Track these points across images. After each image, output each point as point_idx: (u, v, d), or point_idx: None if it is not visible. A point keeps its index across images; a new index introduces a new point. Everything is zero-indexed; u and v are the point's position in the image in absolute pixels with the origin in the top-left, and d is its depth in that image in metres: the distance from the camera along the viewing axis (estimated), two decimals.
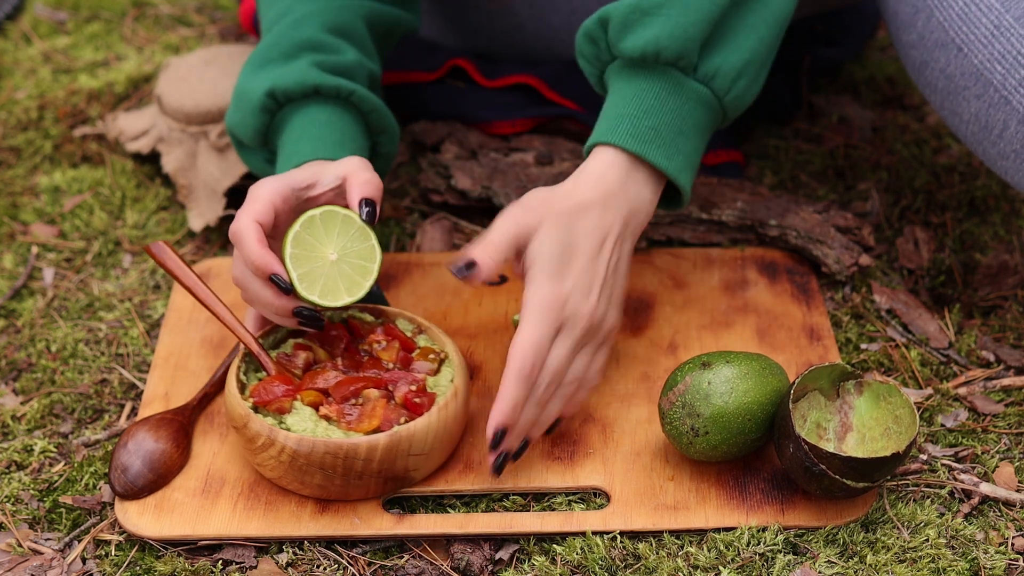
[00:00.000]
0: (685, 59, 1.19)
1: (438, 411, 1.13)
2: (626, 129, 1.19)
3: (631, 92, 1.21)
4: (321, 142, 1.24)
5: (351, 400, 1.15)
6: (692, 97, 1.21)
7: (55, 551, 1.15)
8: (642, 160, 1.19)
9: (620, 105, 1.21)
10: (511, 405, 1.11)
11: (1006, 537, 1.14)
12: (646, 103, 1.20)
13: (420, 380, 1.16)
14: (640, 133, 1.19)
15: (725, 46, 1.21)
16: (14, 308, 1.41)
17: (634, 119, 1.20)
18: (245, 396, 1.15)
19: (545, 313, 1.12)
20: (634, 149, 1.19)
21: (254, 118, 1.27)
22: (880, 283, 1.40)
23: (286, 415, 1.14)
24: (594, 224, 1.16)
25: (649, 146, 1.19)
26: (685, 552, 1.12)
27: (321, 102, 1.26)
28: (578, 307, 1.14)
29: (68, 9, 1.92)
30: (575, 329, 1.14)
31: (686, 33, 1.18)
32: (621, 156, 1.19)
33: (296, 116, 1.26)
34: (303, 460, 1.11)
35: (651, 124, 1.19)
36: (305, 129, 1.25)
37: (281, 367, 1.18)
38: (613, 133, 1.19)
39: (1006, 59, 1.21)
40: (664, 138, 1.20)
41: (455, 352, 1.20)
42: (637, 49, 1.19)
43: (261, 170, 1.33)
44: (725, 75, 1.21)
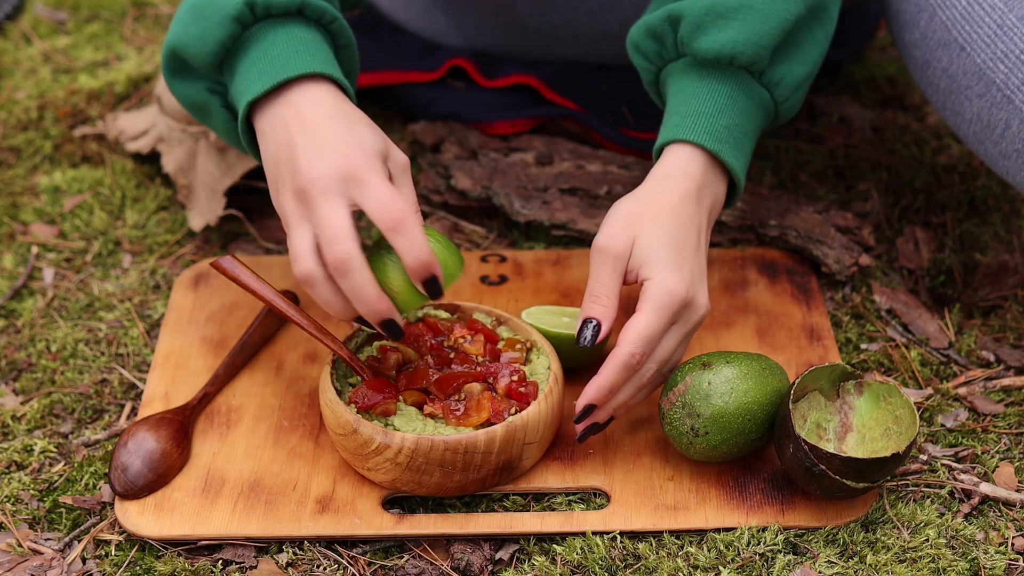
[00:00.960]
0: (757, 64, 1.20)
1: (545, 397, 1.15)
2: (704, 127, 1.20)
3: (704, 92, 1.21)
4: (312, 58, 1.14)
5: (454, 396, 1.15)
6: (756, 100, 1.22)
7: (55, 551, 1.15)
8: (716, 158, 1.20)
9: (694, 103, 1.21)
10: (608, 388, 1.13)
11: (1006, 537, 1.14)
12: (719, 103, 1.21)
13: (520, 370, 1.18)
14: (716, 132, 1.20)
15: (793, 56, 1.23)
16: (14, 308, 1.41)
17: (710, 118, 1.20)
18: (346, 403, 1.15)
19: (669, 303, 1.13)
20: (712, 147, 1.19)
21: (221, 29, 1.14)
22: (880, 283, 1.40)
23: (392, 417, 1.14)
24: (690, 216, 1.18)
25: (724, 145, 1.20)
26: (685, 552, 1.12)
27: (303, 22, 1.16)
28: (697, 298, 1.16)
29: (68, 9, 1.92)
30: (691, 320, 1.16)
31: (761, 40, 1.19)
32: (699, 153, 1.20)
33: (273, 32, 1.15)
34: (422, 459, 1.11)
35: (725, 124, 1.20)
36: (291, 45, 1.15)
37: (374, 370, 1.18)
38: (692, 131, 1.20)
39: (1009, 58, 1.21)
40: (735, 138, 1.21)
41: (541, 339, 1.21)
42: (713, 51, 1.19)
43: (198, 101, 1.22)
44: (788, 85, 1.23)
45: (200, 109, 1.23)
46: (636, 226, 1.16)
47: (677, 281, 1.14)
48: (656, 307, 1.13)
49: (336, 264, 1.06)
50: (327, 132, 1.10)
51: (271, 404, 1.25)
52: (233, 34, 1.15)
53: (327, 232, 1.07)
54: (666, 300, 1.13)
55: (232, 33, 1.15)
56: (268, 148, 1.13)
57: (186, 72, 1.21)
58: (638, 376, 1.14)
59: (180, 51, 1.18)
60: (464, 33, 1.61)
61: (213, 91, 1.21)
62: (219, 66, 1.17)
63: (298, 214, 1.09)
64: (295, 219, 1.09)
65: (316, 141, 1.10)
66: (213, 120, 1.23)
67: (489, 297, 1.37)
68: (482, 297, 1.37)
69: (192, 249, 1.48)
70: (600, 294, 1.15)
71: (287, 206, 1.10)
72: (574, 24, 1.55)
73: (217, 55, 1.16)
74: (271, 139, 1.13)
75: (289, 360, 1.30)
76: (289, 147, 1.11)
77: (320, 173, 1.08)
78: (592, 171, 1.48)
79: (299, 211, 1.09)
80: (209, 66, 1.17)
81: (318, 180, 1.08)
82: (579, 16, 1.53)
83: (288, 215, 1.10)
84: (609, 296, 1.15)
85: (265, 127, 1.13)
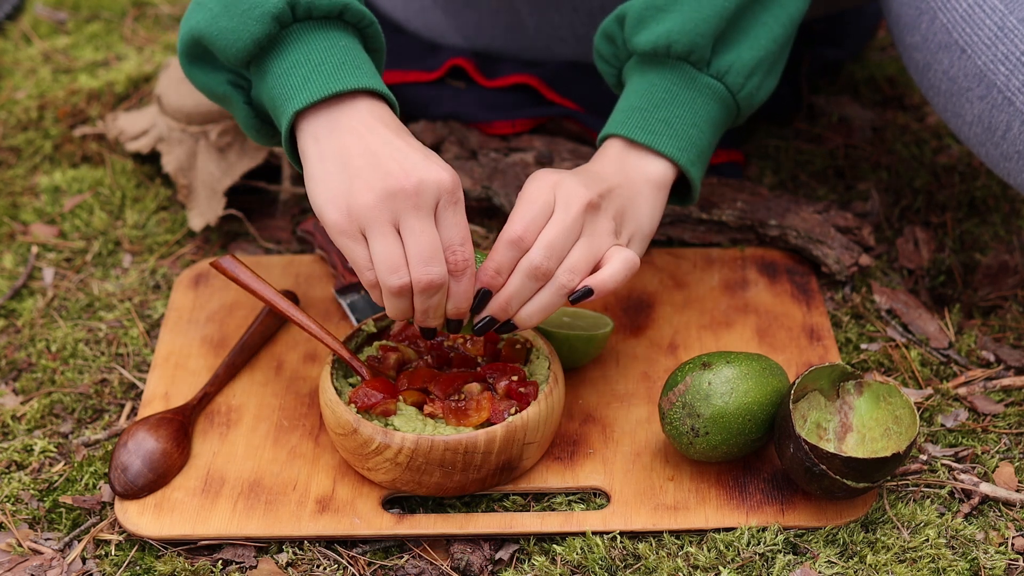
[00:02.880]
0: (696, 53, 1.20)
1: (545, 398, 1.15)
2: (636, 122, 1.20)
3: (643, 86, 1.22)
4: (360, 72, 1.12)
5: (454, 396, 1.15)
6: (705, 92, 1.22)
7: (55, 551, 1.15)
8: (652, 151, 1.20)
9: (632, 99, 1.22)
10: (495, 268, 1.11)
11: (1006, 537, 1.14)
12: (657, 96, 1.21)
13: (520, 370, 1.18)
14: (650, 125, 1.20)
15: (739, 42, 1.22)
16: (14, 308, 1.41)
17: (645, 112, 1.21)
18: (346, 402, 1.15)
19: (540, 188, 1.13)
20: (644, 140, 1.19)
21: (259, 26, 1.10)
22: (880, 283, 1.40)
23: (392, 417, 1.14)
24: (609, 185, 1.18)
25: (660, 137, 1.20)
26: (685, 552, 1.12)
27: (342, 27, 1.14)
28: (572, 190, 1.14)
29: (68, 9, 1.92)
30: (570, 210, 1.13)
31: (697, 28, 1.19)
32: (630, 148, 1.20)
33: (313, 36, 1.12)
34: (422, 459, 1.11)
35: (662, 117, 1.20)
36: (335, 53, 1.12)
37: (374, 370, 1.18)
38: (623, 125, 1.20)
39: (1009, 60, 1.21)
40: (676, 130, 1.20)
41: (541, 339, 1.21)
42: (649, 43, 1.20)
43: (219, 92, 1.18)
44: (738, 71, 1.22)
45: (221, 100, 1.20)
46: None
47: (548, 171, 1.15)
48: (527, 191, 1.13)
49: (427, 287, 1.07)
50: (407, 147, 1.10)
51: (271, 404, 1.25)
52: (270, 32, 1.11)
53: (421, 251, 1.07)
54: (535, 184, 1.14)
55: (269, 32, 1.11)
56: (326, 150, 1.10)
57: (207, 62, 1.17)
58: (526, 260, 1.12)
59: (206, 41, 1.14)
60: (463, 32, 1.61)
61: (236, 85, 1.17)
62: (248, 63, 1.14)
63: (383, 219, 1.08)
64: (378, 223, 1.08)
65: (404, 154, 1.09)
66: (235, 112, 1.20)
67: None
68: None
69: (192, 249, 1.48)
70: None
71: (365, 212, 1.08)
72: (574, 24, 1.54)
73: (250, 52, 1.12)
74: (332, 142, 1.10)
75: (289, 360, 1.30)
76: (371, 154, 1.09)
77: (423, 183, 1.07)
78: None
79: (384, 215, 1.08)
80: (238, 62, 1.13)
81: (419, 192, 1.07)
82: (579, 16, 1.53)
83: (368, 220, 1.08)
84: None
85: (319, 132, 1.11)
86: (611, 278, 1.14)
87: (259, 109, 1.18)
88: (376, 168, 1.08)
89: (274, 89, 1.12)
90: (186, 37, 1.16)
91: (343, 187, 1.08)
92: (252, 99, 1.18)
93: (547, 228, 1.12)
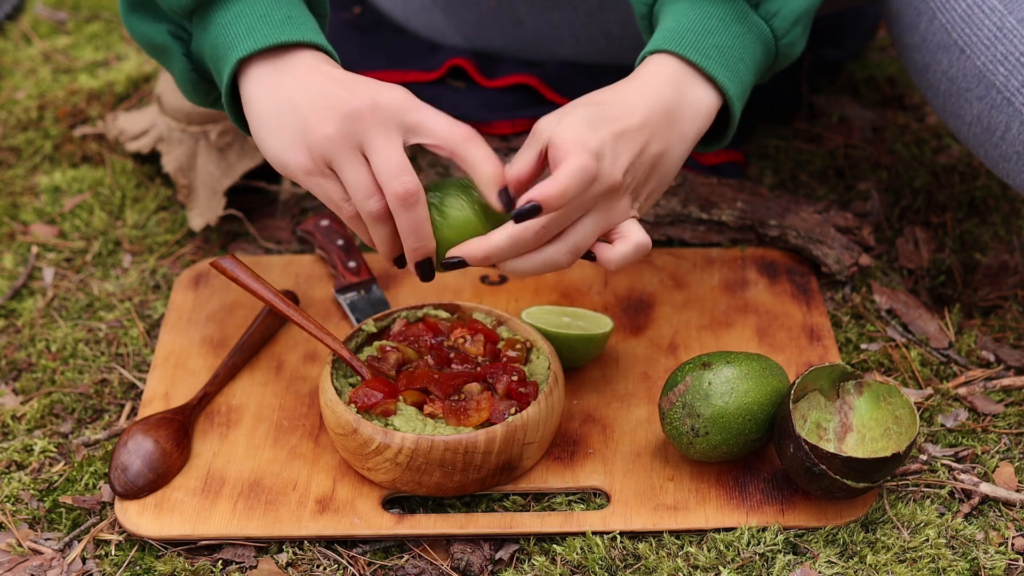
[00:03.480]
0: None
1: (545, 398, 1.15)
2: (689, 41, 1.14)
3: (694, 13, 1.16)
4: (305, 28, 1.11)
5: (454, 396, 1.15)
6: (753, 30, 1.17)
7: (55, 551, 1.15)
8: (702, 73, 1.14)
9: (682, 20, 1.15)
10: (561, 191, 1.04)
11: (1006, 537, 1.14)
12: (710, 24, 1.15)
13: (520, 370, 1.17)
14: (704, 48, 1.14)
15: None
16: (14, 308, 1.41)
17: (698, 35, 1.14)
18: (346, 402, 1.15)
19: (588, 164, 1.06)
20: (699, 62, 1.13)
21: None
22: (880, 283, 1.40)
23: (392, 417, 1.14)
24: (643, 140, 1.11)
25: (713, 63, 1.14)
26: (685, 552, 1.12)
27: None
28: (609, 171, 1.08)
29: (68, 9, 1.92)
30: (604, 180, 1.08)
31: None
32: (680, 66, 1.14)
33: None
34: (422, 459, 1.11)
35: (715, 43, 1.15)
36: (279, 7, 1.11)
37: (374, 370, 1.18)
38: (674, 42, 1.14)
39: (1008, 61, 1.21)
40: (728, 59, 1.15)
41: (541, 339, 1.21)
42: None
43: (158, 43, 1.16)
44: (785, 17, 1.18)
45: (158, 51, 1.18)
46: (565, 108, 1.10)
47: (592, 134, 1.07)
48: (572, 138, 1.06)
49: (405, 196, 1.05)
50: (356, 76, 1.08)
51: (271, 404, 1.25)
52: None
53: (391, 163, 1.05)
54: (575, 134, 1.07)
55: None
56: (277, 96, 1.08)
57: (148, 11, 1.15)
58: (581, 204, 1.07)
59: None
60: (463, 32, 1.61)
61: (176, 36, 1.15)
62: (191, 12, 1.12)
63: (346, 145, 1.06)
64: (343, 151, 1.06)
65: (354, 79, 1.07)
66: (172, 65, 1.18)
67: (489, 297, 1.37)
68: (482, 297, 1.37)
69: (192, 249, 1.48)
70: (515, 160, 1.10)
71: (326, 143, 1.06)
72: (573, 24, 1.54)
73: (193, 2, 1.11)
74: (281, 88, 1.08)
75: (289, 360, 1.30)
76: (318, 89, 1.07)
77: (376, 101, 1.05)
78: None
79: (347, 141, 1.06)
80: (181, 11, 1.12)
81: (375, 109, 1.05)
82: (578, 16, 1.53)
83: (331, 151, 1.06)
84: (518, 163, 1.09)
85: (266, 80, 1.09)
86: (618, 256, 1.11)
87: (198, 63, 1.17)
88: (326, 99, 1.06)
89: (217, 39, 1.11)
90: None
91: (298, 127, 1.07)
92: (192, 51, 1.16)
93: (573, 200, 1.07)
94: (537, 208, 1.05)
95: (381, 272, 1.40)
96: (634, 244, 1.11)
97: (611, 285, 1.38)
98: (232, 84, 1.12)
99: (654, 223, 1.44)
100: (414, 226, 1.07)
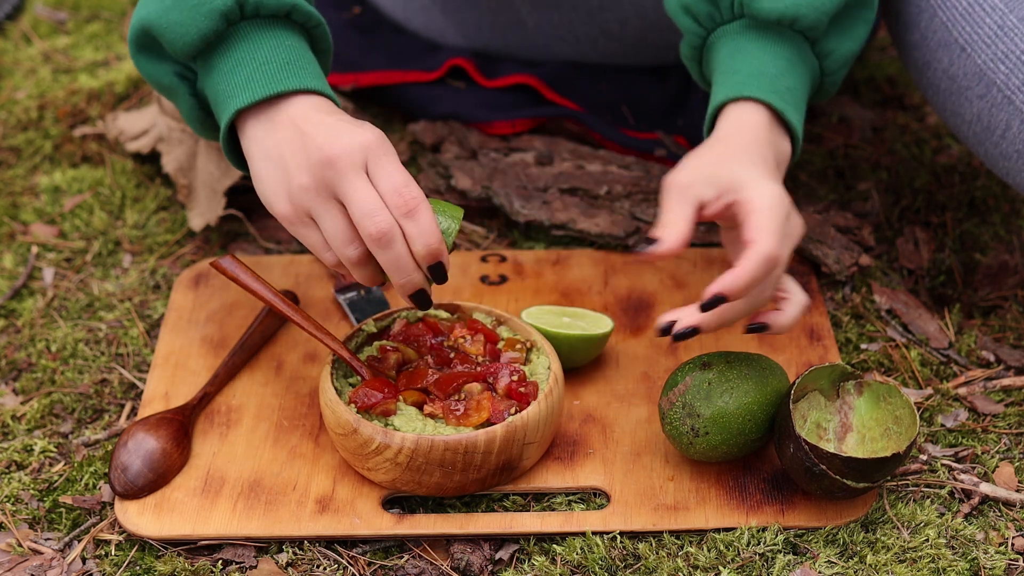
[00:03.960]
0: (816, 30, 1.19)
1: (545, 397, 1.15)
2: (769, 86, 1.17)
3: (765, 53, 1.19)
4: (304, 72, 1.14)
5: (454, 396, 1.15)
6: (809, 68, 1.21)
7: (55, 551, 1.15)
8: (781, 118, 1.18)
9: (755, 64, 1.18)
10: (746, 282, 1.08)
11: (1006, 537, 1.14)
12: (780, 65, 1.18)
13: (520, 370, 1.17)
14: (780, 91, 1.17)
15: (846, 30, 1.22)
16: (14, 308, 1.41)
17: (773, 78, 1.17)
18: (346, 402, 1.15)
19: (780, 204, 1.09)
20: (778, 105, 1.16)
21: (207, 22, 1.12)
22: (880, 283, 1.40)
23: (392, 417, 1.14)
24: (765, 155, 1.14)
25: (788, 105, 1.17)
26: (685, 552, 1.12)
27: (289, 26, 1.16)
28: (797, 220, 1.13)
29: (68, 9, 1.92)
30: (795, 234, 1.12)
31: (824, 5, 1.18)
32: (764, 111, 1.17)
33: (259, 35, 1.14)
34: (422, 459, 1.11)
35: (787, 85, 1.18)
36: (280, 52, 1.14)
37: (374, 370, 1.18)
38: (758, 88, 1.17)
39: (1009, 59, 1.21)
40: (796, 101, 1.18)
41: (541, 339, 1.21)
42: (776, 12, 1.18)
43: (166, 83, 1.19)
44: (837, 59, 1.22)
45: (166, 90, 1.21)
46: (708, 162, 1.12)
47: (779, 187, 1.11)
48: (770, 206, 1.09)
49: (378, 236, 1.07)
50: (336, 121, 1.10)
51: (271, 404, 1.25)
52: (218, 29, 1.13)
53: (364, 205, 1.07)
54: (776, 200, 1.10)
55: (217, 28, 1.13)
56: (266, 147, 1.12)
57: (155, 52, 1.18)
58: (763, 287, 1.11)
59: (155, 32, 1.15)
60: (463, 31, 1.61)
61: (182, 76, 1.18)
62: (195, 57, 1.15)
63: (322, 196, 1.08)
64: (319, 202, 1.08)
65: (330, 127, 1.09)
66: (179, 103, 1.21)
67: (489, 297, 1.37)
68: (482, 297, 1.37)
69: (192, 249, 1.48)
70: (665, 220, 1.11)
71: (303, 194, 1.08)
72: (573, 23, 1.55)
73: (197, 47, 1.14)
74: (270, 138, 1.11)
75: (289, 360, 1.30)
76: (300, 137, 1.10)
77: (348, 146, 1.07)
78: (592, 171, 1.48)
79: (322, 191, 1.08)
80: (185, 55, 1.15)
81: (348, 154, 1.07)
82: (578, 15, 1.53)
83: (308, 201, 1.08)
84: (675, 222, 1.10)
85: (258, 132, 1.12)
86: (789, 322, 1.14)
87: (204, 101, 1.19)
88: (304, 148, 1.09)
89: (218, 85, 1.14)
90: (136, 26, 1.17)
91: (282, 178, 1.10)
92: (198, 91, 1.19)
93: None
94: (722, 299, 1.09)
95: None
96: (800, 305, 1.14)
97: (611, 285, 1.38)
98: (231, 130, 1.16)
99: (654, 223, 1.44)
100: (394, 263, 1.08)
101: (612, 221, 1.42)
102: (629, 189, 1.45)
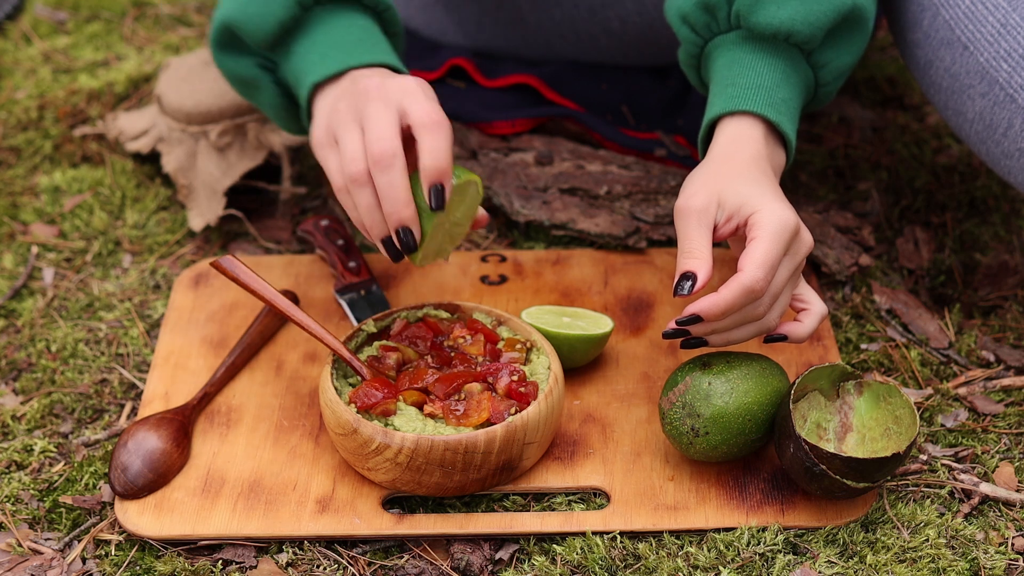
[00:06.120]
0: (811, 44, 1.21)
1: (545, 397, 1.15)
2: (764, 99, 1.20)
3: (760, 65, 1.21)
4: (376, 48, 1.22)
5: (454, 396, 1.15)
6: (804, 79, 1.23)
7: (55, 551, 1.15)
8: (776, 130, 1.20)
9: (751, 76, 1.21)
10: (723, 307, 1.10)
11: (1006, 537, 1.14)
12: (775, 77, 1.21)
13: (520, 370, 1.18)
14: (776, 104, 1.20)
15: (842, 43, 1.24)
16: (14, 308, 1.41)
17: (769, 90, 1.20)
18: (346, 402, 1.15)
19: (783, 228, 1.12)
20: (774, 118, 1.19)
21: (283, 10, 1.22)
22: (880, 283, 1.40)
23: (392, 417, 1.14)
24: (765, 169, 1.17)
25: (783, 117, 1.20)
26: (685, 552, 1.12)
27: (360, 9, 1.26)
28: (803, 229, 1.15)
29: (68, 9, 1.92)
30: (800, 253, 1.15)
31: (818, 20, 1.20)
32: (759, 124, 1.20)
33: (333, 17, 1.24)
34: (422, 459, 1.11)
35: (782, 97, 1.21)
36: (352, 32, 1.23)
37: (374, 370, 1.18)
38: (753, 102, 1.20)
39: (1012, 57, 1.21)
40: (791, 112, 1.21)
41: (541, 339, 1.21)
42: (771, 27, 1.20)
43: (247, 76, 1.29)
44: (832, 70, 1.24)
45: (248, 84, 1.29)
46: (716, 183, 1.15)
47: (785, 209, 1.13)
48: (771, 232, 1.11)
49: (379, 157, 1.12)
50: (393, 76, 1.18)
51: (271, 404, 1.25)
52: (295, 15, 1.23)
53: (375, 130, 1.12)
54: (779, 225, 1.11)
55: (294, 14, 1.23)
56: (329, 100, 1.19)
57: (236, 48, 1.27)
58: (754, 307, 1.12)
59: (235, 27, 1.24)
60: (464, 30, 1.61)
61: (264, 67, 1.27)
62: (274, 45, 1.24)
63: (349, 118, 1.15)
64: (345, 123, 1.15)
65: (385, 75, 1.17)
66: (261, 95, 1.29)
67: (489, 297, 1.37)
68: (482, 297, 1.37)
69: (192, 249, 1.48)
70: (692, 248, 1.13)
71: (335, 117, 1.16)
72: (575, 21, 1.55)
73: (276, 34, 1.23)
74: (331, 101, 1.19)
75: (289, 360, 1.30)
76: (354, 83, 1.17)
77: (379, 84, 1.15)
78: (592, 171, 1.48)
79: (350, 115, 1.15)
80: (266, 44, 1.24)
81: (377, 87, 1.14)
82: (580, 12, 1.53)
83: (337, 123, 1.15)
84: (701, 250, 1.12)
85: (325, 100, 1.20)
86: (807, 332, 1.17)
87: (286, 89, 1.28)
88: (354, 88, 1.17)
89: (296, 67, 1.23)
90: (218, 25, 1.26)
91: (329, 109, 1.20)
92: (279, 79, 1.27)
93: (777, 276, 1.13)
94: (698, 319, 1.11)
95: (381, 272, 1.40)
96: (818, 316, 1.17)
97: (611, 285, 1.38)
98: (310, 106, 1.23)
99: (654, 223, 1.44)
100: (386, 190, 1.12)
101: (612, 221, 1.42)
102: (629, 189, 1.45)
